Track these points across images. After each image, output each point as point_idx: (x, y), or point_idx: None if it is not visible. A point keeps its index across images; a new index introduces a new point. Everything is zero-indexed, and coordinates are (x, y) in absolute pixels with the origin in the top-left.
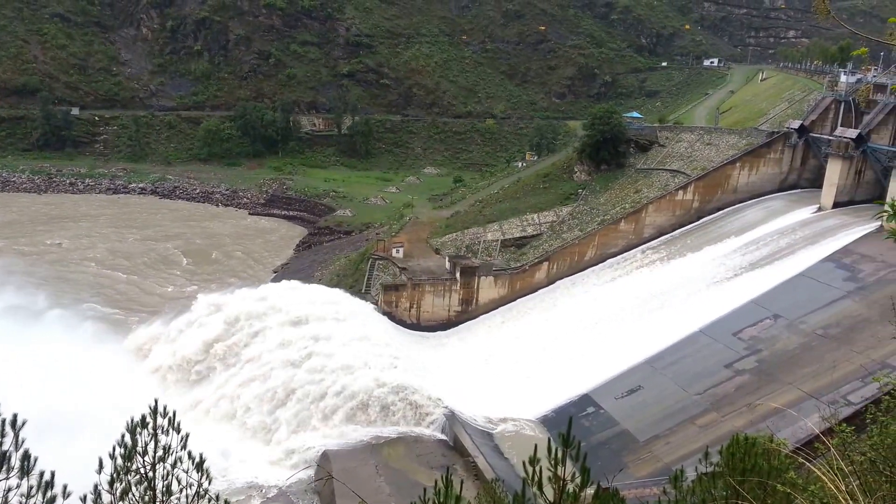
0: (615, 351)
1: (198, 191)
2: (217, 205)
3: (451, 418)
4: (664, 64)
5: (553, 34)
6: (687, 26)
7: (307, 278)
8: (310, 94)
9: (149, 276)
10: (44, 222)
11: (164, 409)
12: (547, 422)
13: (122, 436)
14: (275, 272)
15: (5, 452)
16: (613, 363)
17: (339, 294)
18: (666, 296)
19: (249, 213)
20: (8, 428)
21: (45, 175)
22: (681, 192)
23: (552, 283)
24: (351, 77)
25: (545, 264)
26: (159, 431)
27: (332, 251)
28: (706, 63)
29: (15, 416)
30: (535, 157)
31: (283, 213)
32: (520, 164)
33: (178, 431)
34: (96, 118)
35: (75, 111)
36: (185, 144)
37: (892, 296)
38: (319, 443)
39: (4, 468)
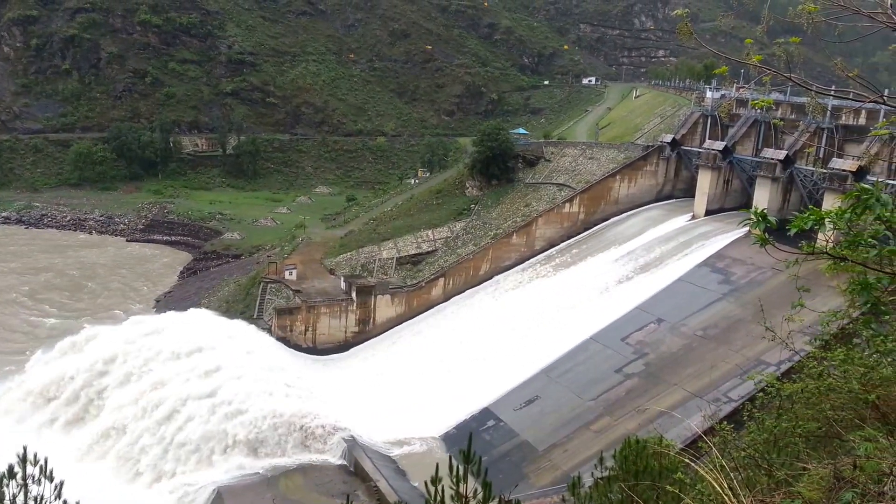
0: (513, 363)
1: (69, 218)
2: (91, 232)
3: (352, 443)
4: (546, 82)
5: (440, 53)
6: (566, 46)
7: (193, 306)
8: (191, 114)
9: (17, 313)
10: None
11: (35, 456)
12: (448, 439)
13: None
14: (157, 301)
15: None
16: (512, 375)
17: (228, 321)
18: (559, 305)
19: (127, 240)
20: None
21: None
22: (567, 204)
23: (449, 298)
24: (235, 96)
25: (441, 280)
26: (30, 481)
27: (219, 276)
28: (584, 81)
29: None
30: (427, 174)
31: (164, 238)
32: (412, 182)
33: (52, 479)
34: None
35: None
36: (53, 169)
37: (761, 297)
38: (212, 480)
39: None
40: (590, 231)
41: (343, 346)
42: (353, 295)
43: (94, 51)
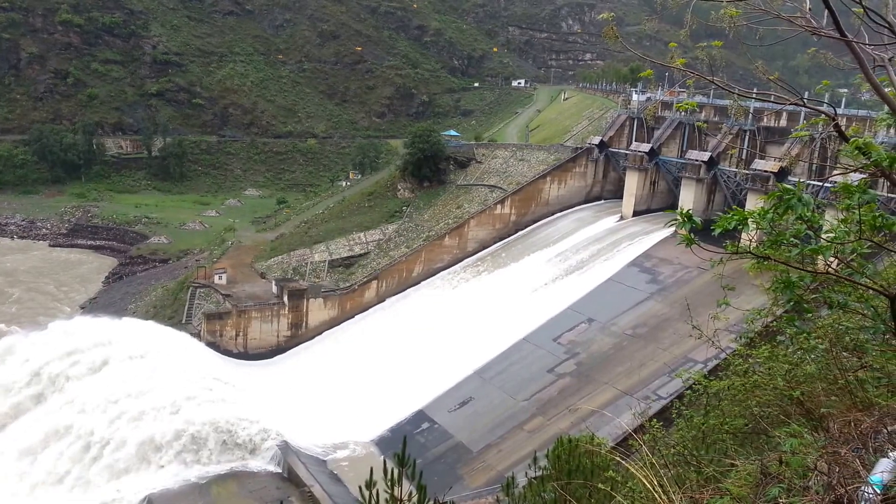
0: (447, 364)
1: None
2: (12, 237)
3: (285, 448)
4: (476, 84)
5: (370, 55)
6: (495, 49)
7: (120, 312)
8: (115, 115)
9: None
10: None
11: None
12: (383, 442)
13: None
14: (82, 308)
15: None
16: (446, 377)
17: (155, 327)
18: (492, 307)
19: (50, 245)
20: None
21: None
22: (499, 206)
23: (382, 300)
24: (160, 97)
25: (374, 283)
26: None
27: (146, 281)
28: (514, 84)
29: None
30: (359, 176)
31: (88, 243)
32: (344, 184)
33: None
34: None
35: None
36: None
37: (688, 296)
38: (141, 489)
39: None
40: (521, 232)
41: (275, 351)
42: (285, 299)
43: (14, 51)
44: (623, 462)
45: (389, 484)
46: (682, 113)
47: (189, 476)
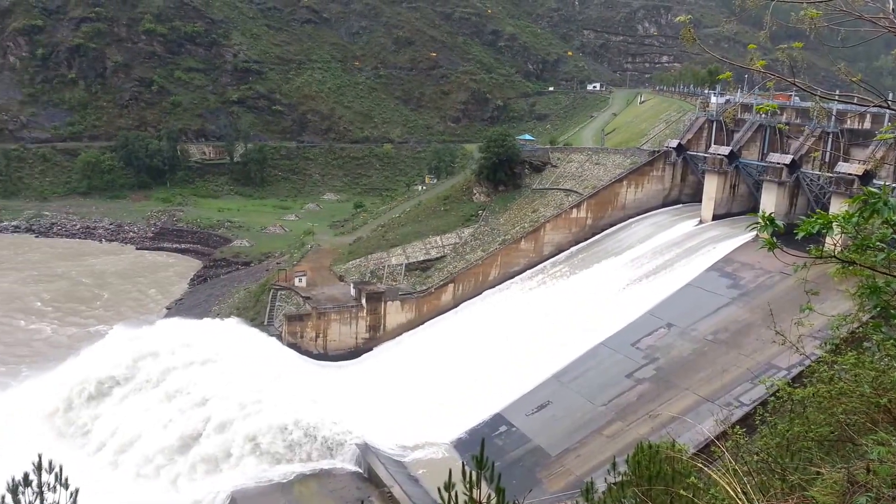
0: (524, 368)
1: (78, 227)
2: (100, 240)
3: (364, 449)
4: (551, 88)
5: (444, 60)
6: (570, 53)
7: (204, 314)
8: (197, 122)
9: (31, 321)
10: None
11: (50, 463)
12: (460, 444)
13: (2, 497)
14: (168, 309)
15: None
16: (523, 381)
17: (239, 328)
18: (568, 311)
19: (137, 248)
20: None
21: None
22: (575, 210)
23: (458, 304)
24: (241, 104)
25: (451, 286)
26: (45, 489)
27: (230, 284)
28: (589, 87)
29: None
30: (435, 180)
31: (174, 246)
32: (419, 188)
33: (67, 487)
34: None
35: None
36: (62, 178)
37: (770, 301)
38: (227, 486)
39: None
40: (598, 236)
41: (354, 353)
42: (363, 301)
43: (100, 60)
44: (705, 468)
45: (468, 486)
46: (763, 115)
47: (272, 475)
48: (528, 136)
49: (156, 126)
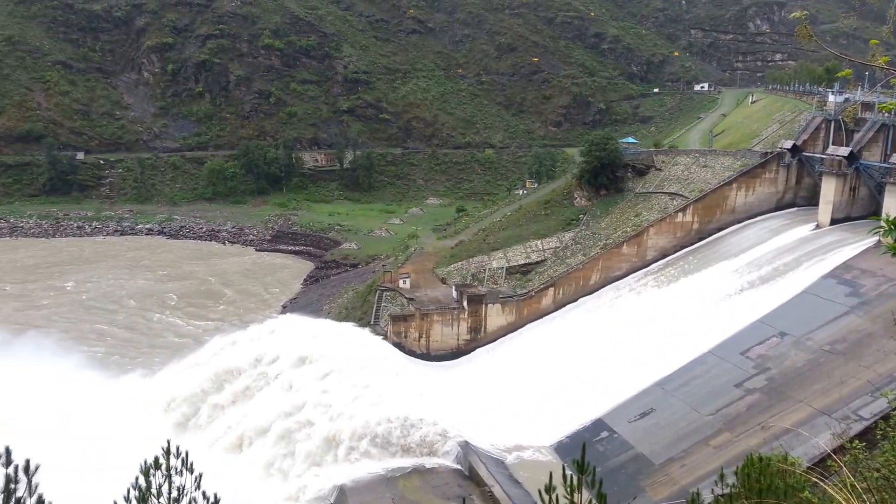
0: (626, 374)
1: (204, 229)
2: (224, 243)
3: (466, 447)
4: (656, 90)
5: (546, 65)
6: (676, 53)
7: (316, 312)
8: (311, 131)
9: (160, 316)
10: (52, 266)
11: (177, 449)
12: (561, 448)
13: (136, 478)
14: (283, 307)
15: (19, 499)
16: (625, 387)
17: (348, 327)
18: (673, 317)
19: (256, 250)
20: (21, 474)
21: (52, 220)
22: (680, 214)
23: (559, 308)
24: (351, 113)
25: (551, 290)
26: (173, 472)
27: (339, 284)
28: (697, 88)
29: (27, 461)
30: (535, 185)
31: (289, 248)
32: (520, 192)
33: (192, 471)
34: (101, 162)
35: (80, 156)
36: (189, 184)
37: (894, 310)
38: (335, 478)
39: None
40: (704, 241)
41: (455, 353)
42: (465, 303)
43: (224, 74)
44: (820, 483)
45: (569, 490)
46: (886, 114)
47: (377, 469)
48: (631, 140)
49: (273, 135)
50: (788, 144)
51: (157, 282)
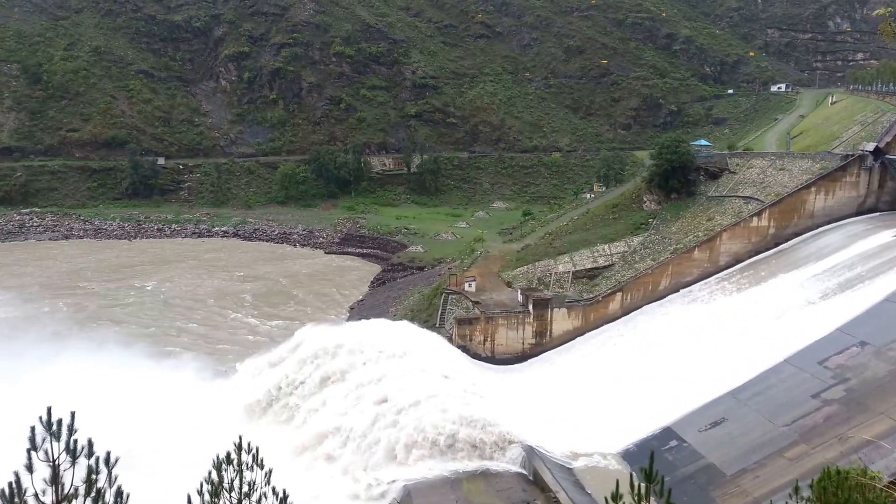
0: (696, 382)
1: (276, 232)
2: (295, 245)
3: (530, 452)
4: (730, 91)
5: (615, 67)
6: (751, 53)
7: (382, 314)
8: (379, 136)
9: (236, 315)
10: (134, 266)
11: (248, 445)
12: (628, 456)
13: (209, 472)
14: (351, 309)
15: (100, 489)
16: (695, 395)
17: (414, 329)
18: (746, 324)
19: (325, 252)
20: (102, 465)
21: (134, 222)
22: (755, 218)
23: (627, 313)
24: (418, 117)
25: (619, 295)
26: (244, 467)
27: (405, 287)
28: (773, 89)
29: (108, 453)
30: (603, 189)
31: (357, 251)
32: (588, 196)
33: (262, 467)
34: (181, 167)
35: (161, 161)
36: (263, 188)
37: None
38: (400, 477)
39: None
40: (781, 246)
41: (520, 358)
42: (530, 307)
43: (297, 81)
44: None
45: (636, 498)
46: None
47: (442, 470)
48: (703, 142)
49: (343, 140)
50: (871, 147)
51: (232, 282)
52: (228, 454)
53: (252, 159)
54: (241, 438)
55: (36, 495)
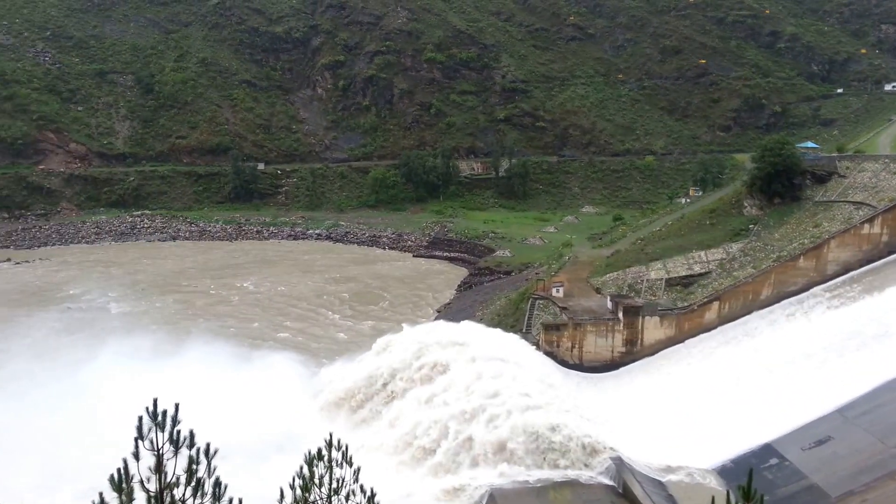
0: (799, 398)
1: (367, 235)
2: (384, 248)
3: (620, 464)
4: (839, 91)
5: (714, 67)
6: (863, 50)
7: (469, 318)
8: (468, 140)
9: (329, 315)
10: (237, 266)
11: (338, 442)
12: (724, 472)
13: (301, 467)
14: (438, 312)
15: (199, 479)
16: (799, 411)
17: (501, 333)
18: (857, 339)
19: (413, 256)
20: (202, 456)
21: (235, 224)
22: (867, 225)
23: (724, 323)
24: (507, 121)
25: (715, 304)
26: (334, 464)
27: (492, 291)
28: (887, 88)
29: (208, 445)
30: (700, 193)
31: (444, 254)
32: (683, 201)
33: (351, 465)
34: (278, 172)
35: (261, 166)
36: (355, 192)
37: None
38: (485, 482)
39: (199, 493)
40: (895, 255)
41: (609, 366)
42: (620, 315)
43: (389, 88)
44: None
45: None
46: None
47: (527, 477)
48: (810, 144)
49: (432, 145)
50: None
51: (325, 283)
52: (319, 450)
53: (345, 164)
54: (331, 435)
55: (141, 482)
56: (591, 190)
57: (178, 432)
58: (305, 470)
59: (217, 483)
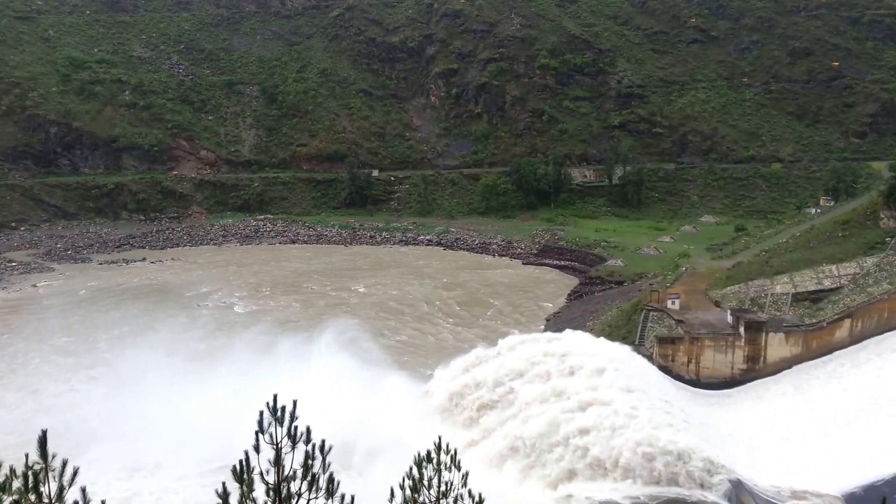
0: None
1: (476, 242)
2: (493, 255)
3: (738, 486)
4: None
5: (849, 69)
6: None
7: (579, 328)
8: (581, 147)
9: (439, 320)
10: (353, 269)
11: (447, 446)
12: (853, 500)
13: (411, 468)
14: (547, 320)
15: (314, 474)
16: None
17: (613, 344)
18: None
19: (523, 263)
20: (317, 452)
21: (350, 229)
22: None
23: (856, 342)
24: (622, 128)
25: (847, 321)
26: (443, 467)
27: (603, 301)
28: None
29: (323, 441)
30: (832, 203)
31: (554, 262)
32: (813, 211)
33: (459, 469)
34: (392, 178)
35: (375, 173)
36: (465, 199)
37: None
38: (596, 495)
39: (314, 488)
40: None
41: (728, 383)
42: (741, 330)
43: (501, 95)
44: None
45: None
46: None
47: (639, 493)
48: None
49: (544, 152)
50: None
51: (436, 289)
52: (429, 453)
53: (456, 171)
54: (440, 439)
55: (261, 474)
56: (711, 199)
57: (296, 427)
58: (415, 471)
59: (331, 479)
